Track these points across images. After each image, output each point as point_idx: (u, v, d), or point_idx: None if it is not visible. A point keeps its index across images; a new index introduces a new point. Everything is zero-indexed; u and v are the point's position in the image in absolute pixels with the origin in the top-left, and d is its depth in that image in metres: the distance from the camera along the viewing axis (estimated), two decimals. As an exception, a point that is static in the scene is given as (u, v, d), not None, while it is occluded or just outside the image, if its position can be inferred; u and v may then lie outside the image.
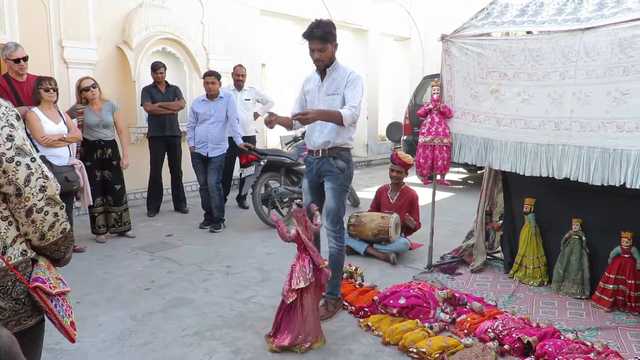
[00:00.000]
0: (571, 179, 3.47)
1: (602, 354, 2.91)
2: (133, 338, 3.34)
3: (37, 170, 1.50)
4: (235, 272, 4.62)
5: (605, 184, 3.29)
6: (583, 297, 3.90)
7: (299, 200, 3.47)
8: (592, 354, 2.91)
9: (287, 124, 3.71)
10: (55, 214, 1.55)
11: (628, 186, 3.15)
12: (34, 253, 1.58)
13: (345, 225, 5.08)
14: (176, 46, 7.68)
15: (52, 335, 2.65)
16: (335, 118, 3.42)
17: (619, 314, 3.63)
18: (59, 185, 1.58)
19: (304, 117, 3.32)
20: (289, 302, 3.14)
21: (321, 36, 3.38)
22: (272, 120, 3.44)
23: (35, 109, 4.74)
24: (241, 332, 3.42)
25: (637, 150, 3.09)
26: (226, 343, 3.27)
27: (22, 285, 1.52)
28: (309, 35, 3.40)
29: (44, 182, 1.51)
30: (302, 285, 3.12)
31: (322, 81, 3.61)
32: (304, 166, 6.28)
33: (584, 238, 3.94)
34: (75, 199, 5.26)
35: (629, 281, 3.62)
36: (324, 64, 3.50)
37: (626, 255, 3.66)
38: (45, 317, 1.61)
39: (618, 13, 3.19)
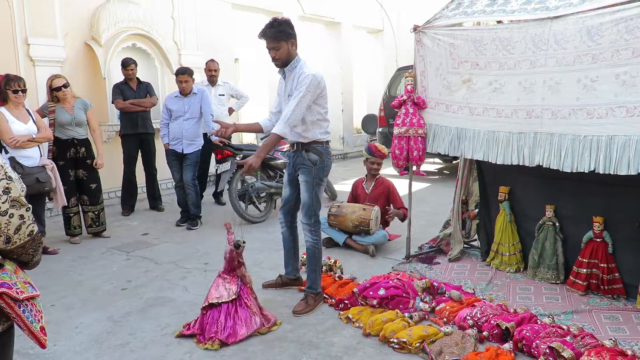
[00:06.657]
0: (543, 166, 3.52)
1: (578, 337, 2.97)
2: (111, 339, 3.29)
3: (0, 172, 1.45)
4: (214, 269, 4.55)
5: (574, 171, 3.34)
6: (558, 282, 3.97)
7: (240, 241, 3.59)
8: (568, 337, 2.96)
9: (256, 129, 3.75)
10: (21, 216, 1.50)
11: (601, 171, 3.19)
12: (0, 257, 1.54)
13: (326, 215, 5.10)
14: (147, 42, 7.55)
15: (27, 340, 2.58)
16: (275, 142, 3.50)
17: (592, 297, 3.71)
18: (24, 186, 1.53)
19: (248, 170, 3.41)
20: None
21: (273, 36, 3.38)
22: (224, 131, 3.52)
23: (2, 109, 4.61)
24: (221, 329, 3.39)
25: (607, 136, 3.15)
26: (206, 341, 3.23)
27: None
28: (263, 34, 3.41)
29: (7, 183, 1.46)
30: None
31: (284, 81, 3.61)
32: (280, 160, 6.32)
33: (557, 224, 4.01)
34: (48, 200, 5.14)
35: (602, 265, 3.70)
36: (281, 62, 3.50)
37: (598, 240, 3.73)
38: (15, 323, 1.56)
39: (586, 1, 3.23)
